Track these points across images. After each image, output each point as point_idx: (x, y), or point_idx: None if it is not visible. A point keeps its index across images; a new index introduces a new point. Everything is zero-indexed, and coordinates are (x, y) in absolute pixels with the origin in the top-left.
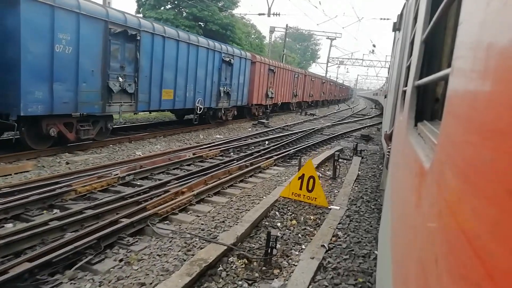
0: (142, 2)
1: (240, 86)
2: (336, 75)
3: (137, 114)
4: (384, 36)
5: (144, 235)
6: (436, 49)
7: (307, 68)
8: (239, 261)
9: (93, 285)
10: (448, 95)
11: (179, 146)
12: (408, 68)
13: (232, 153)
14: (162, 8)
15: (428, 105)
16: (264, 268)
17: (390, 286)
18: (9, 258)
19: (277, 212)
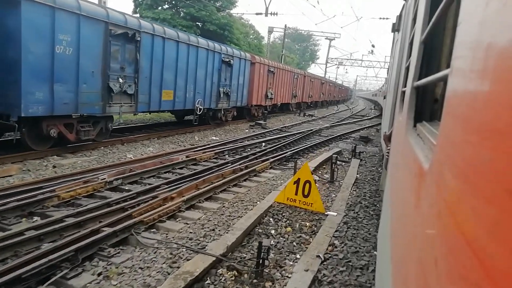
0: (139, 2)
1: (240, 87)
2: (335, 76)
3: (132, 115)
4: (383, 36)
5: (127, 245)
6: (435, 50)
7: (306, 68)
8: (229, 273)
9: None
10: (447, 96)
11: (173, 148)
12: (407, 68)
13: (227, 156)
14: (159, 8)
15: (427, 105)
16: (255, 280)
17: (390, 286)
18: None
19: (271, 219)
